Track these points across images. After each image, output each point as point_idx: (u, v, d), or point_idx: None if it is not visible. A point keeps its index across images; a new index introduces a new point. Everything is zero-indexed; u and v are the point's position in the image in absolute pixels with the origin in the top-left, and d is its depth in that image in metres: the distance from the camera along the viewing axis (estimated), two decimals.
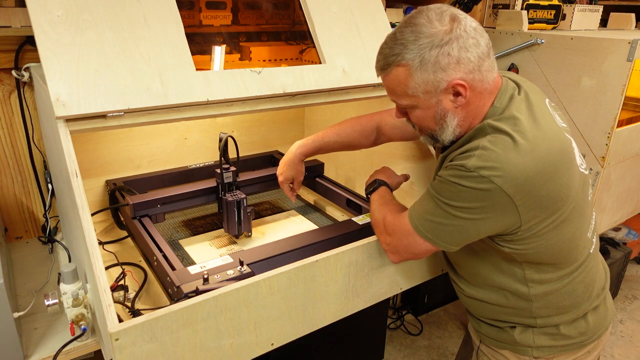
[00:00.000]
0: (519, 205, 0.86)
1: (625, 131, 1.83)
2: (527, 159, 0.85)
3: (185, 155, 1.74)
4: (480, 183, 0.85)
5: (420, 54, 0.86)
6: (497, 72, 0.96)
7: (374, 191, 1.20)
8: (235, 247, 1.35)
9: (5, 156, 1.50)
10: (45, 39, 0.97)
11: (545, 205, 0.88)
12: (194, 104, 1.10)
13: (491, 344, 1.12)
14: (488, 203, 0.86)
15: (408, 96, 0.92)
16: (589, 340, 1.07)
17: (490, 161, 0.85)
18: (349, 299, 1.12)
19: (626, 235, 2.72)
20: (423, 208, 0.96)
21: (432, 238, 0.94)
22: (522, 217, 0.88)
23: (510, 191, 0.85)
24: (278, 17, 1.78)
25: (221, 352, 0.94)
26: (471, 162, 0.86)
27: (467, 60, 0.87)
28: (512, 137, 0.86)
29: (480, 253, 1.03)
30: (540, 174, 0.86)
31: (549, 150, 0.88)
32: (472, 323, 1.17)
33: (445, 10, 0.89)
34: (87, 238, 0.89)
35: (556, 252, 0.96)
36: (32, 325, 1.18)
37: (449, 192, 0.89)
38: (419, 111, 0.95)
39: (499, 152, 0.85)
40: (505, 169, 0.84)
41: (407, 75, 0.89)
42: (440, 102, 0.91)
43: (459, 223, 0.90)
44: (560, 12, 2.13)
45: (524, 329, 1.05)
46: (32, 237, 1.62)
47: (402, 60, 0.88)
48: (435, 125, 0.95)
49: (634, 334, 2.52)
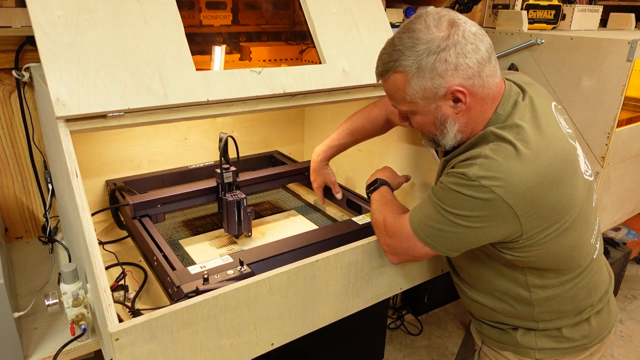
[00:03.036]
0: (520, 215, 0.86)
1: (625, 131, 1.83)
2: (530, 169, 0.84)
3: (185, 155, 1.74)
4: (481, 193, 0.84)
5: (417, 61, 0.86)
6: (501, 77, 0.95)
7: (374, 190, 1.20)
8: (235, 247, 1.35)
9: (6, 156, 1.50)
10: (45, 39, 0.97)
11: (547, 215, 0.88)
12: (194, 104, 1.10)
13: (493, 345, 1.12)
14: (489, 212, 0.86)
15: (407, 102, 0.93)
16: (591, 343, 1.06)
17: (491, 171, 0.84)
18: (349, 299, 1.12)
19: (626, 235, 2.72)
20: (424, 213, 0.95)
21: (431, 243, 0.94)
22: (524, 226, 0.87)
23: (512, 201, 0.84)
24: (278, 17, 1.78)
25: (221, 352, 0.94)
26: (472, 171, 0.85)
27: (465, 67, 0.86)
28: (515, 146, 0.85)
29: (483, 258, 1.03)
30: (543, 184, 0.85)
31: (552, 159, 0.87)
32: (474, 324, 1.18)
33: (444, 16, 0.88)
34: (87, 238, 0.89)
35: (558, 259, 0.95)
36: (33, 325, 1.18)
37: (449, 200, 0.89)
38: (419, 117, 0.95)
39: (501, 161, 0.85)
40: (506, 179, 0.83)
41: (404, 82, 0.89)
42: (440, 108, 0.91)
43: (459, 230, 0.90)
44: (560, 12, 2.13)
45: (526, 331, 1.05)
46: (32, 237, 1.62)
47: (399, 67, 0.89)
48: (436, 131, 0.95)
49: (634, 333, 2.52)
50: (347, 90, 1.35)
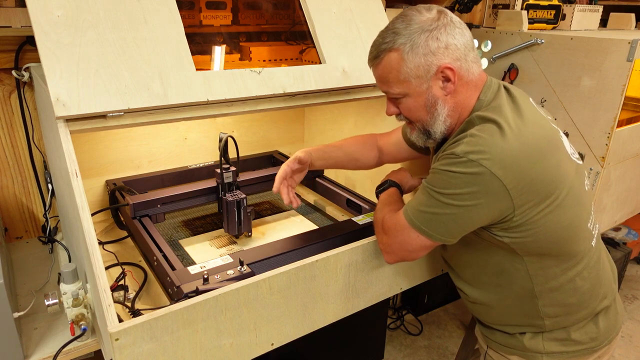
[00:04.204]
0: (510, 189, 0.87)
1: (625, 131, 1.83)
2: (514, 143, 0.88)
3: (185, 155, 1.74)
4: (470, 167, 0.87)
5: (411, 39, 0.92)
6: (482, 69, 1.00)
7: (383, 191, 1.21)
8: (235, 247, 1.35)
9: (6, 156, 1.50)
10: (45, 39, 0.97)
11: (536, 188, 0.89)
12: (194, 104, 1.10)
13: (499, 350, 1.11)
14: (479, 188, 0.87)
15: (400, 82, 0.95)
16: (599, 346, 1.06)
17: (478, 145, 0.88)
18: (349, 299, 1.12)
19: (626, 235, 2.72)
20: (416, 201, 0.97)
21: (426, 230, 0.94)
22: (515, 201, 0.89)
23: (500, 173, 0.86)
24: (278, 17, 1.78)
25: (221, 352, 0.94)
26: (460, 148, 0.89)
27: (454, 47, 0.92)
28: (499, 125, 0.90)
29: (482, 253, 1.02)
30: (528, 156, 0.88)
31: (534, 134, 0.91)
32: (480, 329, 1.17)
33: (434, 6, 0.95)
34: (87, 238, 0.89)
35: (555, 240, 0.95)
36: (32, 325, 1.18)
37: (440, 181, 0.91)
38: (411, 100, 0.97)
39: (487, 137, 0.89)
40: (492, 152, 0.87)
41: (399, 60, 0.93)
42: (431, 89, 0.95)
43: (452, 211, 0.91)
44: (560, 12, 2.13)
45: (533, 335, 1.05)
46: (32, 237, 1.62)
47: (393, 45, 0.93)
48: (427, 115, 0.98)
49: (634, 333, 2.52)
50: (347, 90, 1.35)
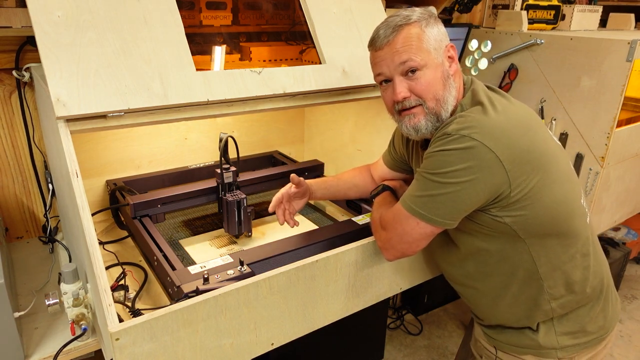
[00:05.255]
0: (503, 160, 0.89)
1: (625, 131, 1.83)
2: (501, 117, 0.93)
3: (185, 155, 1.74)
4: (462, 142, 0.89)
5: (423, 17, 1.00)
6: None
7: (377, 195, 1.22)
8: (235, 247, 1.35)
9: (6, 156, 1.50)
10: (45, 39, 0.97)
11: (528, 159, 0.92)
12: (194, 104, 1.10)
13: (511, 351, 1.09)
14: (474, 162, 0.89)
15: (422, 51, 0.98)
16: (606, 333, 1.10)
17: (467, 122, 0.92)
18: (349, 299, 1.12)
19: (625, 235, 2.73)
20: (412, 189, 0.98)
21: (426, 214, 0.94)
22: (509, 173, 0.90)
23: (491, 144, 0.88)
24: (278, 18, 1.78)
25: (221, 352, 0.94)
26: (451, 127, 0.93)
27: (446, 35, 1.02)
28: (484, 105, 0.96)
29: (483, 242, 1.02)
30: (515, 128, 0.93)
31: (518, 113, 0.98)
32: (485, 330, 1.15)
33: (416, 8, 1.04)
34: (88, 238, 0.89)
35: (554, 216, 0.97)
36: (33, 325, 1.18)
37: (435, 162, 0.93)
38: (429, 72, 0.99)
39: (474, 115, 0.94)
40: (481, 126, 0.91)
41: (419, 30, 0.99)
42: (444, 64, 1.01)
43: (448, 190, 0.91)
44: (560, 13, 2.13)
45: (545, 328, 1.05)
46: (33, 237, 1.62)
47: (409, 20, 0.99)
48: (443, 90, 1.00)
49: (633, 333, 2.52)
50: (347, 90, 1.36)
